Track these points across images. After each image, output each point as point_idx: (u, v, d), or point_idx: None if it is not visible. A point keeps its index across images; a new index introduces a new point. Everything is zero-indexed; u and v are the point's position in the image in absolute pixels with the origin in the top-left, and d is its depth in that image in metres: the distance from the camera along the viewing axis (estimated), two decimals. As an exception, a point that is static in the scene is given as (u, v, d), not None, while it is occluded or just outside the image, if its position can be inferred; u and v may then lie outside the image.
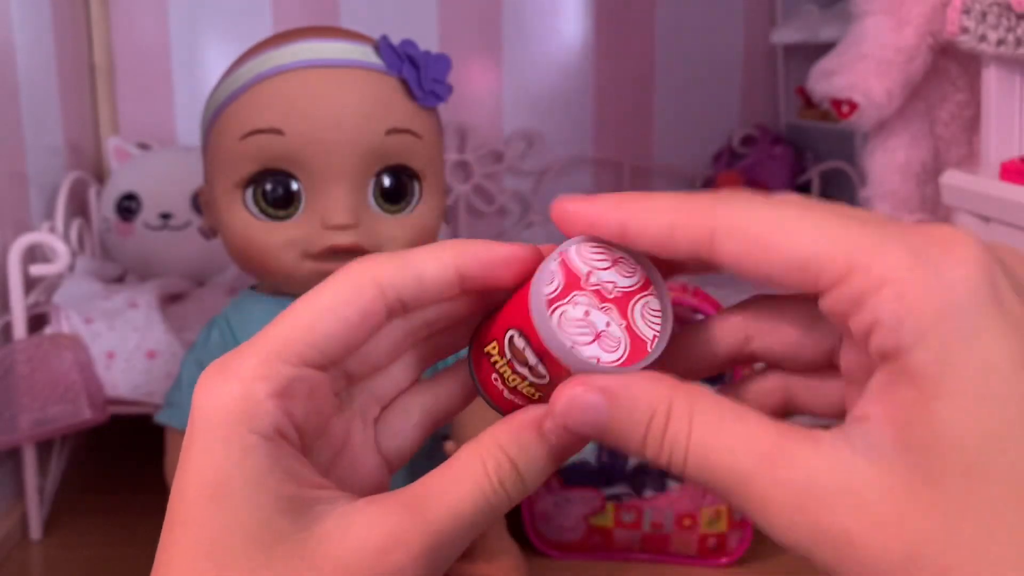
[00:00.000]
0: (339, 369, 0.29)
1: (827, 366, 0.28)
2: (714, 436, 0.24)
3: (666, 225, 0.25)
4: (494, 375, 0.29)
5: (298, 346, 0.26)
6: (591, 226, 0.27)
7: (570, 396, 0.25)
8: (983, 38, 0.91)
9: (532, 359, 0.27)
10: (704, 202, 0.25)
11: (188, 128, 1.45)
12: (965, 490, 0.21)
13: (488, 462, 0.26)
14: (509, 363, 0.28)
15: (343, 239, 0.68)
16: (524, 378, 0.28)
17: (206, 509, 0.25)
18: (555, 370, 0.27)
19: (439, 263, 0.28)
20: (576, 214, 0.28)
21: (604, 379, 0.25)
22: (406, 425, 0.31)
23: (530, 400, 0.28)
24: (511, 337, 0.28)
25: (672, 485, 0.92)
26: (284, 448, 0.26)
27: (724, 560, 0.95)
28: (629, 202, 0.26)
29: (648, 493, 0.92)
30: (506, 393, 0.28)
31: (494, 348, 0.28)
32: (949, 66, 1.05)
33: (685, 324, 0.31)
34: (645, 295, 0.28)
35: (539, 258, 0.29)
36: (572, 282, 0.27)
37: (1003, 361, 0.21)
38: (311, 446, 0.28)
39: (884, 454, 0.22)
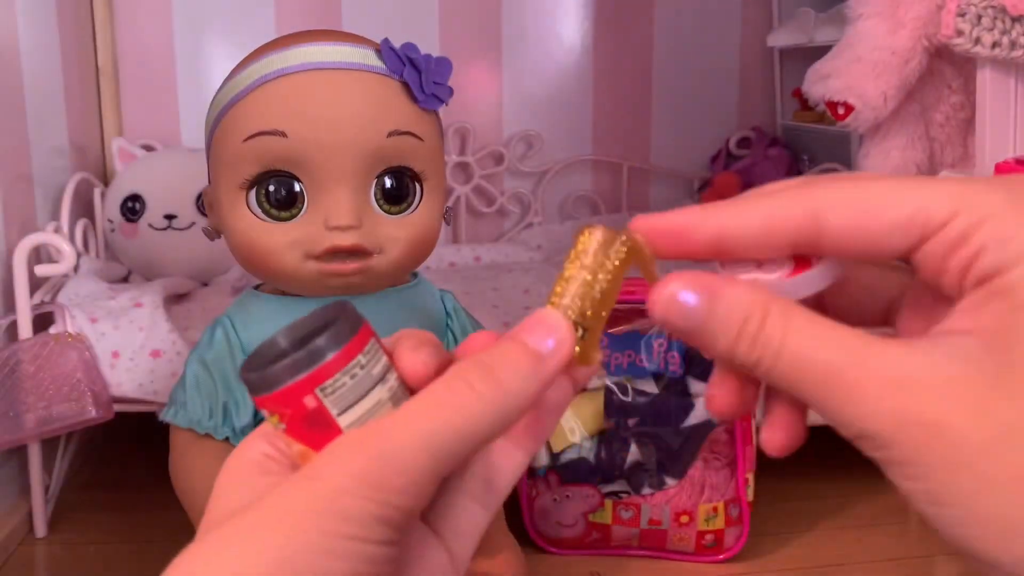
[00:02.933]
0: None
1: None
2: (809, 336, 0.26)
3: (762, 221, 0.27)
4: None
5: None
6: (683, 241, 0.28)
7: (671, 292, 0.27)
8: (978, 41, 0.92)
9: None
10: (794, 190, 0.27)
11: (192, 130, 1.46)
12: None
13: (464, 364, 0.28)
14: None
15: (345, 240, 0.69)
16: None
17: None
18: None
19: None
20: (665, 231, 0.28)
21: (707, 276, 0.27)
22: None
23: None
24: None
25: (670, 483, 0.93)
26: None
27: (721, 556, 0.96)
28: (717, 210, 0.28)
29: (646, 490, 0.93)
30: None
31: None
32: (944, 68, 1.06)
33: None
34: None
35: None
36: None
37: None
38: None
39: (972, 354, 0.25)
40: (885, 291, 0.30)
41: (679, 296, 0.27)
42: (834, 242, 0.27)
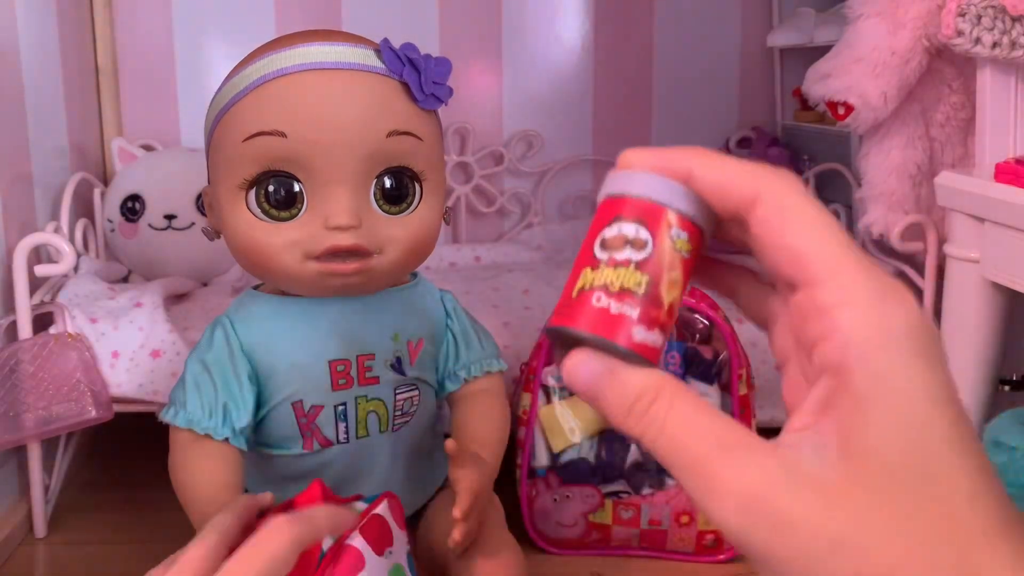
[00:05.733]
0: None
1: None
2: (687, 423, 0.29)
3: (725, 177, 0.30)
4: (595, 296, 0.31)
5: None
6: (660, 168, 0.31)
7: (578, 360, 0.30)
8: (978, 41, 0.92)
9: (630, 231, 0.30)
10: (757, 169, 0.30)
11: (192, 130, 1.46)
12: (883, 490, 0.26)
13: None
14: (610, 261, 0.31)
15: (345, 240, 0.69)
16: (628, 262, 0.30)
17: None
18: (654, 227, 0.30)
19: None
20: (649, 158, 0.31)
21: (610, 360, 0.30)
22: None
23: (636, 296, 0.30)
24: (604, 238, 0.31)
25: (670, 483, 0.93)
26: None
27: (721, 557, 0.96)
28: (699, 152, 0.31)
29: (646, 491, 0.93)
30: (613, 305, 0.30)
31: (588, 274, 0.31)
32: (944, 68, 1.06)
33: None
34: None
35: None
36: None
37: (920, 393, 0.27)
38: None
39: (827, 458, 0.27)
40: (765, 312, 0.34)
41: (583, 366, 0.30)
42: (754, 235, 0.30)
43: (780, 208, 0.29)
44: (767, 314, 0.33)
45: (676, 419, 0.29)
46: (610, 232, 0.31)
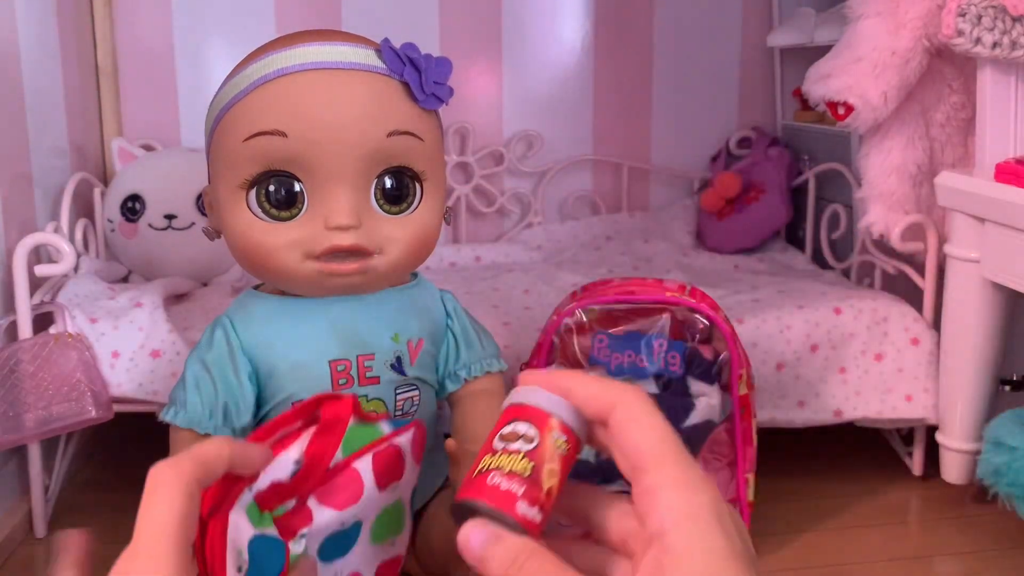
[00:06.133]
0: None
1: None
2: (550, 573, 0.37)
3: (591, 391, 0.40)
4: (491, 476, 0.38)
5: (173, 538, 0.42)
6: (546, 385, 0.41)
7: (471, 529, 0.38)
8: (978, 41, 0.92)
9: (522, 428, 0.39)
10: (616, 385, 0.40)
11: (192, 130, 1.46)
12: None
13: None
14: (504, 450, 0.39)
15: (345, 240, 0.69)
16: (519, 452, 0.39)
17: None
18: (541, 428, 0.39)
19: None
20: (542, 378, 0.41)
21: (497, 527, 0.38)
22: None
23: (523, 478, 0.38)
24: (502, 433, 0.39)
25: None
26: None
27: (721, 557, 0.96)
28: (576, 374, 0.41)
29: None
30: (504, 483, 0.38)
31: (487, 459, 0.39)
32: (944, 68, 1.06)
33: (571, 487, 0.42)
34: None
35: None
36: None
37: (720, 552, 0.35)
38: None
39: None
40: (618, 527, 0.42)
41: (474, 533, 0.38)
42: (611, 435, 0.39)
43: (628, 414, 0.38)
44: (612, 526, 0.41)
45: (538, 567, 0.37)
46: (507, 429, 0.39)
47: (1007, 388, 1.02)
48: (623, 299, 0.89)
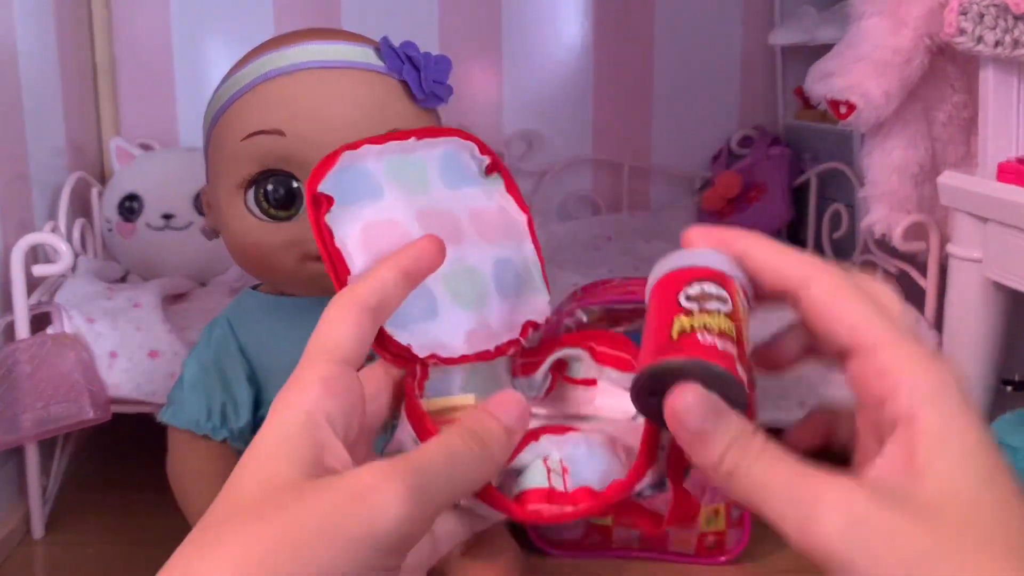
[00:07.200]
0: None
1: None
2: (782, 457, 0.33)
3: (782, 262, 0.36)
4: (700, 335, 0.34)
5: (336, 352, 0.38)
6: (721, 245, 0.38)
7: (691, 399, 0.34)
8: (980, 39, 0.91)
9: (712, 289, 0.35)
10: (807, 257, 0.36)
11: (190, 129, 1.45)
12: (951, 524, 0.31)
13: (456, 429, 0.37)
14: (702, 310, 0.34)
15: (344, 239, 0.68)
16: (718, 311, 0.34)
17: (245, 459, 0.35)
18: (730, 289, 0.35)
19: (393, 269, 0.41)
20: (709, 236, 0.38)
21: (716, 400, 0.34)
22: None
23: (732, 339, 0.34)
24: (688, 294, 0.35)
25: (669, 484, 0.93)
26: (320, 423, 0.35)
27: (723, 559, 0.95)
28: (754, 236, 0.38)
29: (647, 492, 0.93)
30: (719, 343, 0.34)
31: (683, 319, 0.35)
32: (947, 67, 1.06)
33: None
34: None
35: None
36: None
37: (973, 434, 0.32)
38: (345, 432, 0.36)
39: (913, 486, 0.32)
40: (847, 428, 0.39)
41: (696, 406, 0.34)
42: (807, 311, 0.36)
43: (833, 291, 0.35)
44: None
45: (772, 453, 0.33)
46: (693, 290, 0.35)
47: (1009, 388, 1.01)
48: (623, 299, 0.89)
